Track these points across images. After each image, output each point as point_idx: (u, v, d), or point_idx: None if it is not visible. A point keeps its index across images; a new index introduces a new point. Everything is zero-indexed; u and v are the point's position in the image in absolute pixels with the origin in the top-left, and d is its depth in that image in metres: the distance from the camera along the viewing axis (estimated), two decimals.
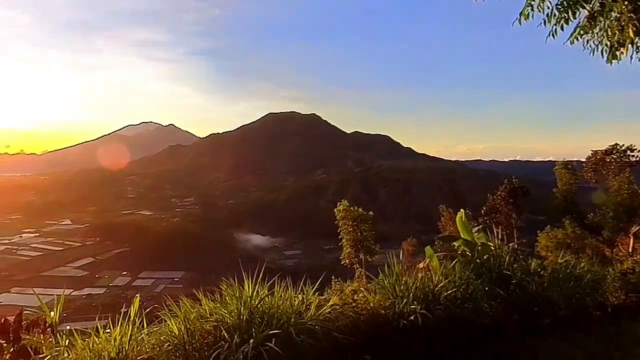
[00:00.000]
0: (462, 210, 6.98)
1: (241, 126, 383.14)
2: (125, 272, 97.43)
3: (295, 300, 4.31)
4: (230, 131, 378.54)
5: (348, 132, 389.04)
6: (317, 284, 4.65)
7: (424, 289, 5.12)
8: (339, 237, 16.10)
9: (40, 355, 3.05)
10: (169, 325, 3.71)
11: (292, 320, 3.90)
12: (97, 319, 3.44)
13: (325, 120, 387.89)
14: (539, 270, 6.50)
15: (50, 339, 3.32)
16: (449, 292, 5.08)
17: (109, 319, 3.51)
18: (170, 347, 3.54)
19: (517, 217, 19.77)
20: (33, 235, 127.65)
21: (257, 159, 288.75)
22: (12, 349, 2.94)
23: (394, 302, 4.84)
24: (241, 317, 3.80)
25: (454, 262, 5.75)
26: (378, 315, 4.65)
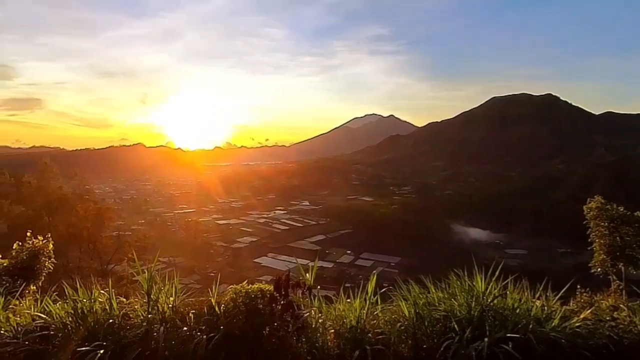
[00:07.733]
0: None
1: (461, 113, 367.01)
2: (349, 251, 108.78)
3: (532, 305, 3.89)
4: (449, 119, 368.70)
5: (596, 113, 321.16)
6: (561, 292, 4.04)
7: None
8: (589, 240, 13.25)
9: (301, 311, 3.76)
10: (399, 306, 3.93)
11: (531, 326, 3.53)
12: (342, 288, 3.99)
13: (565, 101, 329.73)
14: None
15: (307, 299, 4.03)
16: None
17: (339, 291, 4.02)
18: (402, 328, 3.75)
19: None
20: (282, 212, 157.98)
21: (478, 147, 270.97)
22: (282, 302, 3.74)
23: None
24: (472, 312, 3.67)
25: None
26: None
